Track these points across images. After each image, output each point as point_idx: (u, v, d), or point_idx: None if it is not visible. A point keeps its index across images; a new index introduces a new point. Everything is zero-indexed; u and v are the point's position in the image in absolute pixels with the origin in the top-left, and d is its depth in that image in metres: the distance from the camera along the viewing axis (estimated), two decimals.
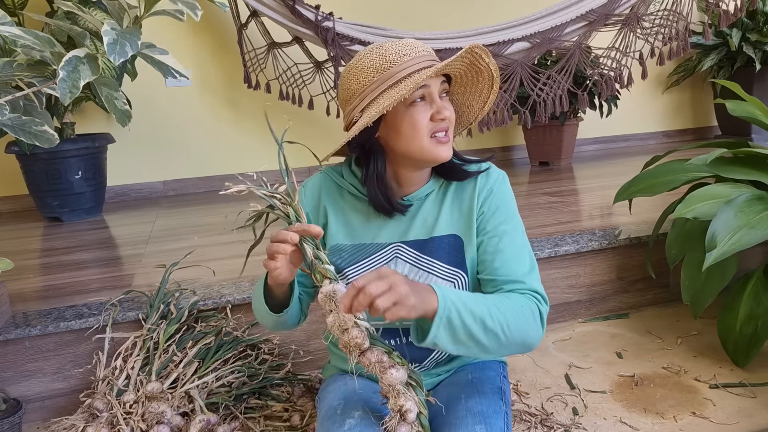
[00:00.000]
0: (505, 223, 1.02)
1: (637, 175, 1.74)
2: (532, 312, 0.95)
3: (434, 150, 0.97)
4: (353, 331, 0.85)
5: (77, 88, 1.08)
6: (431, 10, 3.63)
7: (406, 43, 0.97)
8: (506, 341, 0.91)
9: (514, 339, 0.91)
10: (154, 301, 1.45)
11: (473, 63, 0.99)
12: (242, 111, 3.44)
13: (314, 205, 1.08)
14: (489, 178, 1.05)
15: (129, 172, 3.33)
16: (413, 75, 0.94)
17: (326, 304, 0.87)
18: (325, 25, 2.78)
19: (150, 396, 1.23)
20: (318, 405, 1.11)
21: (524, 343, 0.93)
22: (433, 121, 0.96)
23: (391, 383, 0.86)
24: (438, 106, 0.96)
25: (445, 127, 0.97)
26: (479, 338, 0.88)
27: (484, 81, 1.03)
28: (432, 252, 1.03)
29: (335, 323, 0.86)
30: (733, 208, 1.37)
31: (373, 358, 0.86)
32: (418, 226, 1.04)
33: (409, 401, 0.86)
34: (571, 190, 2.69)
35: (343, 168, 1.08)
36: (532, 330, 0.94)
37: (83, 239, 2.38)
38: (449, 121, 0.97)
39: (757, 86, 3.86)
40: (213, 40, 3.33)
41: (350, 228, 1.06)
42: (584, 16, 2.84)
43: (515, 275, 0.99)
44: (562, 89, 2.86)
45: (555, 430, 1.24)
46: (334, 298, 0.86)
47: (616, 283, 1.84)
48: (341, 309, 0.82)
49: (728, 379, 1.40)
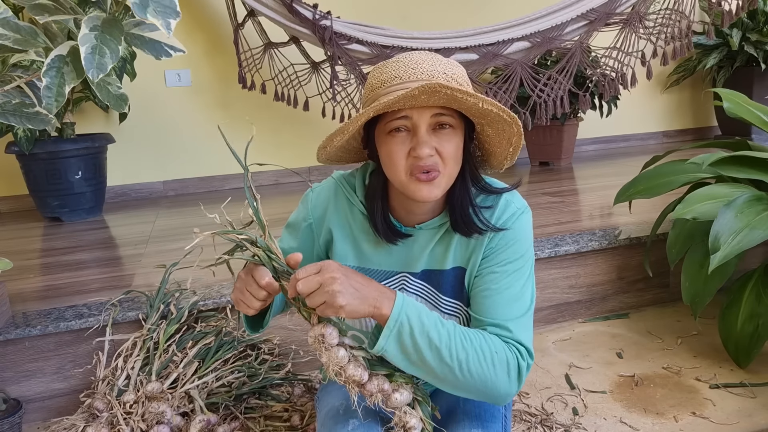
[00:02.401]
0: (510, 263, 0.92)
1: (636, 176, 1.74)
2: (508, 363, 0.85)
3: (411, 188, 0.85)
4: (350, 369, 0.82)
5: (63, 96, 1.01)
6: (431, 10, 3.63)
7: (415, 59, 0.85)
8: (464, 381, 0.84)
9: (473, 383, 0.84)
10: (154, 301, 1.45)
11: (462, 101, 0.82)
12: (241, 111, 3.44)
13: (319, 216, 1.01)
14: (508, 209, 0.93)
15: (129, 172, 3.32)
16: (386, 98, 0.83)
17: (317, 346, 0.83)
18: (323, 23, 2.77)
19: (150, 396, 1.23)
20: (318, 405, 1.10)
21: (486, 391, 0.85)
22: (410, 157, 0.84)
23: (396, 407, 0.84)
24: (418, 140, 0.83)
25: (423, 166, 0.83)
26: (432, 366, 0.82)
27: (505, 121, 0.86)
28: (439, 285, 0.97)
29: (330, 363, 0.82)
30: (734, 210, 1.37)
31: (374, 389, 0.83)
32: (428, 257, 0.96)
33: (413, 418, 0.84)
34: (571, 190, 2.69)
35: (356, 179, 0.99)
36: (500, 382, 0.85)
37: (83, 239, 2.37)
38: (432, 160, 0.84)
39: (757, 86, 3.86)
40: (212, 40, 3.33)
41: (358, 250, 0.99)
42: (585, 15, 2.83)
43: (501, 319, 0.89)
44: (563, 90, 2.85)
45: (555, 430, 1.24)
46: (324, 342, 0.82)
47: (616, 283, 1.84)
48: (290, 294, 0.81)
49: (728, 379, 1.40)
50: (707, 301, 1.49)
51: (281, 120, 3.46)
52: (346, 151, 0.98)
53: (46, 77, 1.01)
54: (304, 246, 1.02)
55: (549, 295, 1.77)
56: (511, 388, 0.86)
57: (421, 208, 0.94)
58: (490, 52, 2.82)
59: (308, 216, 1.01)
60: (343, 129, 0.85)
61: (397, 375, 0.86)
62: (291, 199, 2.96)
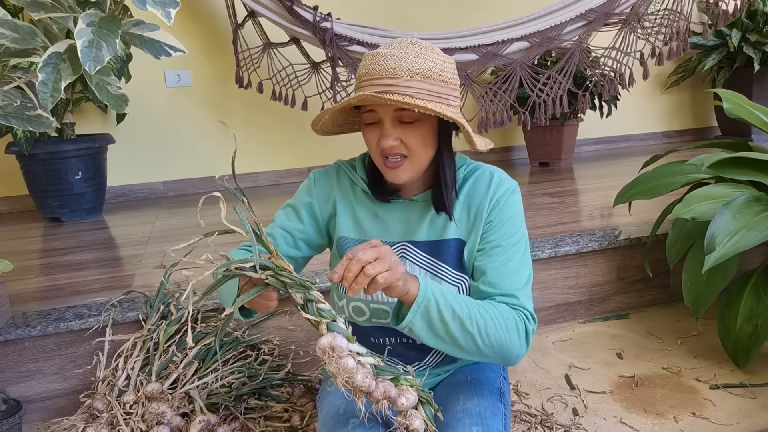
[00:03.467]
0: (510, 237, 1.00)
1: (636, 177, 1.74)
2: (517, 326, 0.94)
3: (384, 171, 0.98)
4: (358, 378, 0.82)
5: (58, 91, 1.03)
6: (431, 11, 3.63)
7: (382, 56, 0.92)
8: (483, 347, 0.91)
9: (491, 347, 0.91)
10: (154, 302, 1.45)
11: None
12: (241, 111, 3.44)
13: (325, 197, 1.08)
14: (501, 186, 1.02)
15: (129, 172, 3.32)
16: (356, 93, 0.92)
17: (325, 358, 0.82)
18: (323, 25, 2.77)
19: (150, 396, 1.23)
20: (318, 405, 1.11)
21: (503, 353, 0.93)
22: (379, 146, 0.95)
23: (402, 410, 0.85)
24: (381, 133, 0.94)
25: (389, 154, 0.94)
26: (455, 336, 0.90)
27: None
28: (440, 255, 1.02)
29: (339, 373, 0.82)
30: (732, 210, 1.36)
31: (380, 395, 0.84)
32: (427, 227, 1.03)
33: (417, 420, 0.85)
34: (571, 191, 2.69)
35: (357, 162, 1.09)
36: (513, 344, 0.93)
37: (83, 240, 2.38)
38: (398, 149, 0.93)
39: (757, 86, 3.86)
40: (212, 40, 3.33)
41: (358, 224, 1.05)
42: (584, 16, 2.83)
43: (509, 289, 0.97)
44: (562, 89, 2.85)
45: (555, 430, 1.24)
46: (333, 353, 0.82)
47: (616, 283, 1.84)
48: (334, 278, 0.83)
49: (728, 380, 1.40)
50: (710, 303, 1.49)
51: (281, 120, 3.46)
52: (345, 125, 1.07)
53: (42, 73, 1.02)
54: (309, 227, 1.09)
55: (549, 296, 1.77)
56: (522, 349, 0.95)
57: (408, 185, 1.02)
58: (490, 52, 2.82)
59: (312, 196, 1.08)
60: (321, 116, 0.98)
61: (403, 378, 0.86)
62: None
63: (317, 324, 0.85)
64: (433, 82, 0.92)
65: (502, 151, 3.94)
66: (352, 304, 1.04)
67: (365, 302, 1.03)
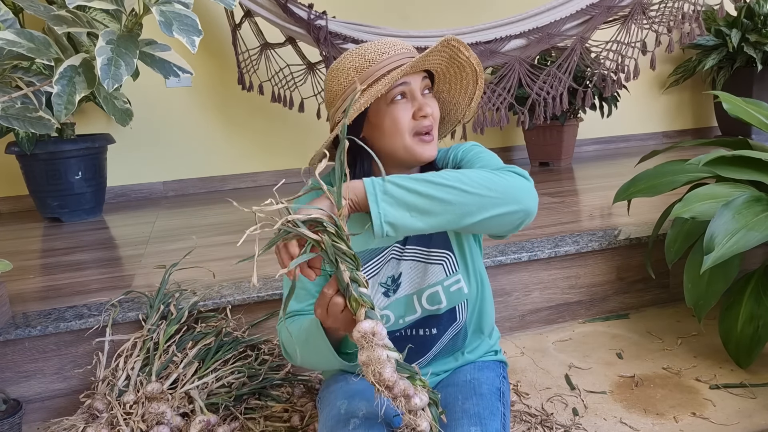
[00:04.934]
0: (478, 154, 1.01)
1: (636, 175, 1.74)
2: (499, 172, 0.88)
3: (417, 149, 0.96)
4: (387, 371, 0.80)
5: (73, 104, 1.04)
6: (428, 9, 3.63)
7: (386, 41, 0.96)
8: (476, 191, 0.84)
9: (485, 187, 0.84)
10: (154, 302, 1.45)
11: (453, 57, 0.97)
12: (241, 111, 3.44)
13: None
14: (459, 147, 1.06)
15: (129, 172, 3.33)
16: (391, 72, 0.93)
17: (362, 343, 0.80)
18: (318, 23, 2.76)
19: (150, 396, 1.23)
20: (319, 405, 1.11)
21: (503, 190, 0.85)
22: (415, 119, 0.95)
23: (413, 410, 0.84)
24: (419, 102, 0.95)
25: (427, 125, 0.95)
26: (436, 195, 0.82)
27: (468, 76, 1.02)
28: (425, 241, 1.03)
29: (371, 363, 0.80)
30: (732, 210, 1.36)
31: (398, 392, 0.82)
32: None
33: (425, 421, 0.84)
34: (571, 191, 2.69)
35: (331, 177, 1.05)
36: (507, 178, 0.86)
37: (83, 240, 2.38)
38: (433, 118, 0.96)
39: (757, 87, 3.86)
40: (212, 40, 3.33)
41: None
42: (585, 11, 2.78)
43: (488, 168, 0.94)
44: (563, 86, 2.82)
45: (555, 430, 1.24)
46: (372, 340, 0.80)
47: (616, 283, 1.84)
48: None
49: (728, 380, 1.40)
50: (712, 304, 1.47)
51: (280, 121, 3.47)
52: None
53: (57, 85, 1.03)
54: None
55: (549, 296, 1.77)
56: (522, 182, 0.87)
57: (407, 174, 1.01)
58: (488, 50, 2.80)
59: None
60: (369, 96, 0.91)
61: (417, 378, 0.86)
62: None
63: (356, 308, 0.80)
64: None
65: (502, 151, 3.94)
66: None
67: None
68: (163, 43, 1.15)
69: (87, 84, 1.06)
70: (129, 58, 1.02)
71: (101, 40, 1.01)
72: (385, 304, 1.02)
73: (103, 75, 0.98)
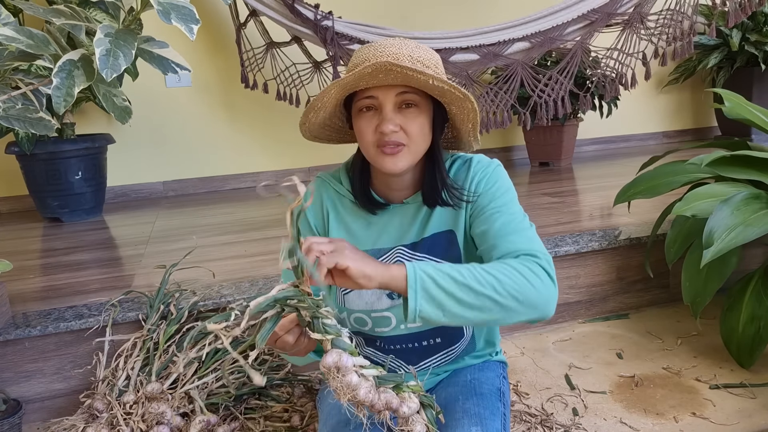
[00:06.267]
0: (501, 197, 0.98)
1: (636, 177, 1.74)
2: (530, 269, 0.87)
3: (379, 160, 0.94)
4: (361, 393, 0.79)
5: (72, 96, 1.05)
6: (431, 10, 3.63)
7: (380, 46, 0.92)
8: (507, 304, 0.84)
9: (515, 300, 0.84)
10: (154, 302, 1.45)
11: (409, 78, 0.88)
12: (241, 111, 3.44)
13: (317, 213, 1.06)
14: (481, 163, 1.01)
15: (129, 172, 3.33)
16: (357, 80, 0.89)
17: (329, 375, 0.80)
18: (324, 24, 2.77)
19: (150, 396, 1.23)
20: (319, 405, 1.11)
21: (531, 300, 0.85)
22: (377, 133, 0.92)
23: (405, 418, 0.83)
24: (382, 118, 0.91)
25: (388, 141, 0.91)
26: (471, 303, 0.83)
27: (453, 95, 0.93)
28: (428, 249, 1.02)
29: (342, 391, 0.79)
30: (730, 207, 1.38)
31: (381, 406, 0.81)
32: (417, 227, 1.02)
33: (419, 425, 0.84)
34: (571, 191, 2.69)
35: (340, 173, 1.07)
36: (537, 286, 0.86)
37: (83, 240, 2.38)
38: (397, 136, 0.91)
39: (757, 86, 3.85)
40: (212, 40, 3.33)
41: (351, 234, 1.04)
42: (586, 16, 2.82)
43: (515, 250, 0.91)
44: (564, 90, 2.84)
45: (555, 430, 1.24)
46: (338, 373, 0.79)
47: (616, 283, 1.84)
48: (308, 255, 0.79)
49: (728, 380, 1.40)
50: (707, 301, 1.49)
51: (282, 119, 3.46)
52: (333, 130, 1.05)
53: (56, 78, 1.04)
54: None
55: None
56: (549, 289, 0.87)
57: (398, 184, 1.01)
58: (491, 52, 2.81)
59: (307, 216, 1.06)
60: (313, 105, 0.93)
61: (404, 385, 0.85)
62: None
63: (322, 341, 0.81)
64: (433, 71, 0.92)
65: (502, 151, 3.94)
66: (353, 316, 1.04)
67: (366, 312, 1.02)
68: (161, 41, 1.16)
69: (86, 77, 1.07)
70: (127, 50, 1.03)
71: (99, 33, 1.03)
72: (387, 306, 1.02)
73: (102, 65, 0.99)
